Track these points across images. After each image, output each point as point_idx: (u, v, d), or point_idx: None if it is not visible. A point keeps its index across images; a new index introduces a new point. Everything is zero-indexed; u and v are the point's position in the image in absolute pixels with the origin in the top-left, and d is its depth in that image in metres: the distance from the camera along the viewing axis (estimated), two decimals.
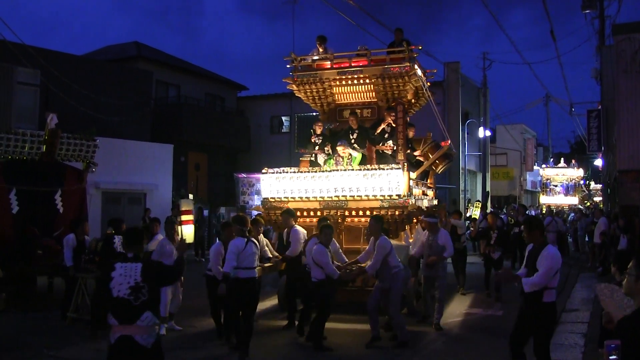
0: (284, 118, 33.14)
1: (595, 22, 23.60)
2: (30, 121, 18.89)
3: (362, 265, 8.95)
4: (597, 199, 34.57)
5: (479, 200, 30.77)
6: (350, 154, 11.77)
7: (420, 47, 12.38)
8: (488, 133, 34.59)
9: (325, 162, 12.08)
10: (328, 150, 12.19)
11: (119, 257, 9.56)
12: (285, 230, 10.09)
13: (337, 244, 9.66)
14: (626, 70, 16.47)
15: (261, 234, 10.22)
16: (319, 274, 8.48)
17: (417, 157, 12.79)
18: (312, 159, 12.41)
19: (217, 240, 9.43)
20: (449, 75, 31.16)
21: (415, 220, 11.42)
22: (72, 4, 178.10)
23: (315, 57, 12.73)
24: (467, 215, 25.50)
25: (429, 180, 13.76)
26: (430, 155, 12.59)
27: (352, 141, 11.95)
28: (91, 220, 14.15)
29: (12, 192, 12.05)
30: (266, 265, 9.56)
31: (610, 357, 2.51)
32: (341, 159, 11.75)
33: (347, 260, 9.20)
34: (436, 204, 13.59)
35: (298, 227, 10.02)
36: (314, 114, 14.57)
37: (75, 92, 20.73)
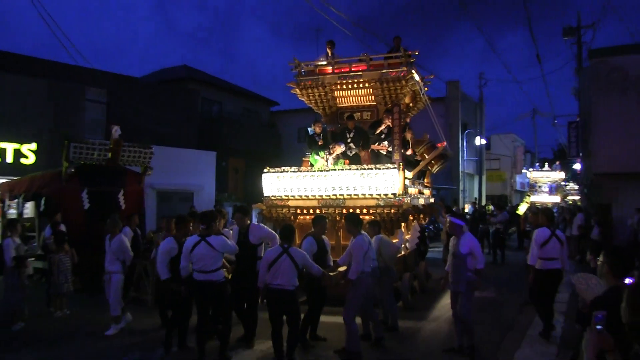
0: (309, 129, 33.00)
1: (574, 47, 23.44)
2: (98, 132, 19.17)
3: (341, 269, 7.24)
4: (573, 197, 34.15)
5: (529, 194, 30.13)
6: (340, 157, 10.53)
7: (417, 53, 11.04)
8: (484, 141, 34.39)
9: (317, 153, 10.75)
10: (335, 150, 10.76)
11: None
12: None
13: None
14: (601, 88, 16.34)
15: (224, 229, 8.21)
16: (293, 281, 6.39)
17: (415, 158, 11.75)
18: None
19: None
20: (450, 91, 31.03)
21: (411, 218, 10.64)
22: (132, 33, 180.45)
23: (318, 63, 11.66)
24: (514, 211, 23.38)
25: (425, 180, 12.58)
26: (426, 156, 11.67)
27: (349, 140, 11.03)
28: (147, 216, 14.39)
29: (84, 191, 12.17)
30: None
31: (597, 327, 2.55)
32: (332, 155, 10.45)
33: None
34: (432, 202, 12.69)
35: (258, 224, 7.70)
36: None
37: (135, 108, 21.17)
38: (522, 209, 23.61)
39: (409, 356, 6.87)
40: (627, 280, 3.26)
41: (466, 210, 24.75)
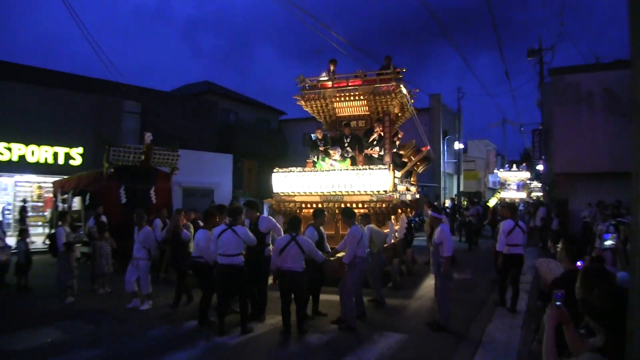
0: (312, 135, 32.87)
1: (537, 66, 23.50)
2: (133, 138, 19.27)
3: (339, 255, 7.25)
4: (537, 194, 34.21)
5: (499, 191, 30.18)
6: (340, 159, 10.40)
7: (404, 70, 10.97)
8: (461, 146, 34.40)
9: (322, 160, 10.62)
10: (333, 155, 10.71)
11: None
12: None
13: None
14: (559, 101, 16.40)
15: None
16: (301, 264, 6.48)
17: (402, 159, 11.68)
18: (316, 160, 11.17)
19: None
20: (432, 103, 30.93)
21: (399, 211, 10.60)
22: (161, 53, 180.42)
23: (320, 79, 11.57)
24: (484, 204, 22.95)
25: (412, 179, 12.47)
26: (413, 158, 11.69)
27: (346, 145, 10.93)
28: (174, 209, 14.35)
29: (122, 188, 12.28)
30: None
31: (557, 303, 2.60)
32: (334, 161, 10.39)
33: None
34: (417, 197, 12.65)
35: (267, 217, 7.61)
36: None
37: (164, 118, 21.20)
38: (491, 203, 23.61)
39: (397, 328, 6.92)
40: (578, 264, 3.32)
41: (446, 205, 24.73)
